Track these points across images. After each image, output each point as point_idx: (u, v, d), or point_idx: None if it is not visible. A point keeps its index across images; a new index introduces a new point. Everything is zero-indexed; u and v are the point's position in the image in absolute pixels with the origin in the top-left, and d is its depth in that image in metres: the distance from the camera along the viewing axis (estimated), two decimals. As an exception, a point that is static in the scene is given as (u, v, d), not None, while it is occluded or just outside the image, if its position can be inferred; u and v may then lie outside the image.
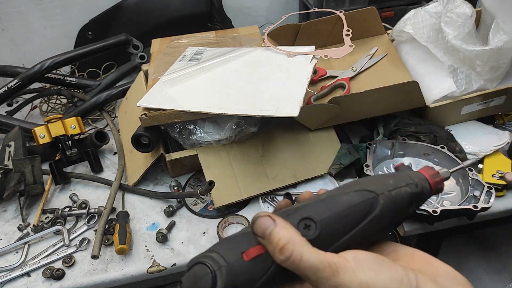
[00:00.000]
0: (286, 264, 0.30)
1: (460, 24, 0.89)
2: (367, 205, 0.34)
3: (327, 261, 0.30)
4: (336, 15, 0.98)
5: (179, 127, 0.85)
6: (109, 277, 0.75)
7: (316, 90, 0.98)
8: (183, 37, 1.07)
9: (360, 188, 0.35)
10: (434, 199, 0.79)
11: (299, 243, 0.31)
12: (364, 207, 0.34)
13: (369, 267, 0.30)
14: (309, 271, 0.30)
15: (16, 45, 1.40)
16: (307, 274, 0.30)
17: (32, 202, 0.92)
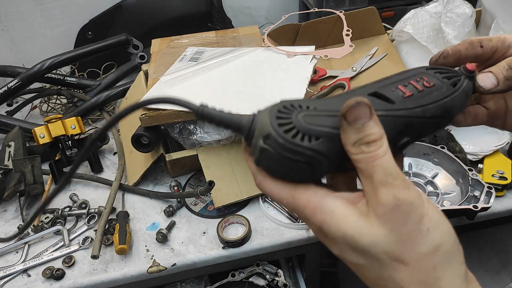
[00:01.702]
0: (361, 157, 0.30)
1: (460, 24, 0.89)
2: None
3: (402, 176, 0.30)
4: (336, 15, 0.98)
5: (179, 127, 0.85)
6: (109, 277, 0.75)
7: (316, 90, 0.98)
8: (183, 37, 1.07)
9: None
10: (434, 199, 0.79)
11: (386, 146, 0.30)
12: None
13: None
14: (380, 174, 0.29)
15: (16, 45, 1.40)
16: (374, 175, 0.30)
17: (32, 202, 0.92)
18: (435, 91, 0.36)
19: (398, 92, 0.35)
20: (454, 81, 0.38)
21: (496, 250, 1.43)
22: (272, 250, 0.79)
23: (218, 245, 0.77)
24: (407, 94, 0.35)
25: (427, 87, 0.36)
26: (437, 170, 0.85)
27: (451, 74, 0.38)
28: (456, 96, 0.37)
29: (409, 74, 0.38)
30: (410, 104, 0.35)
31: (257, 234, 0.79)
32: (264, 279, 0.81)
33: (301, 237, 0.78)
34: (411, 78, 0.37)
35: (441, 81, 0.37)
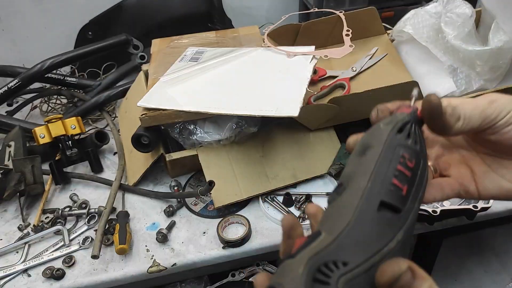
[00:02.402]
0: None
1: (460, 24, 0.89)
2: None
3: None
4: (336, 15, 0.98)
5: (179, 127, 0.85)
6: (109, 277, 0.75)
7: (316, 90, 0.98)
8: (183, 37, 1.07)
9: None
10: None
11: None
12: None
13: None
14: None
15: (16, 45, 1.40)
16: None
17: (32, 202, 0.92)
18: (417, 169, 0.34)
19: (397, 192, 0.33)
20: (420, 141, 0.36)
21: (496, 251, 1.43)
22: (272, 250, 0.79)
23: (218, 245, 0.78)
24: (404, 190, 0.33)
25: (411, 168, 0.34)
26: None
27: (413, 133, 0.35)
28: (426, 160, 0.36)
29: (388, 151, 0.34)
30: (411, 203, 0.33)
31: (257, 234, 0.79)
32: (264, 279, 0.81)
33: (301, 237, 0.78)
34: (395, 161, 0.34)
35: (415, 152, 0.35)
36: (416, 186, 0.34)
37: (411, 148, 0.35)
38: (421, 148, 0.36)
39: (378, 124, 0.37)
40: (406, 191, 0.33)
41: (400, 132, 0.36)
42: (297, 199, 0.84)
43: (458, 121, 0.35)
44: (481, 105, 0.35)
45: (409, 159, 0.34)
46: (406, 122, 0.36)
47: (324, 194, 0.85)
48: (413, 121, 0.37)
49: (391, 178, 0.33)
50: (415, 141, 0.35)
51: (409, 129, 0.36)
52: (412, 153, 0.35)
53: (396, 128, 0.36)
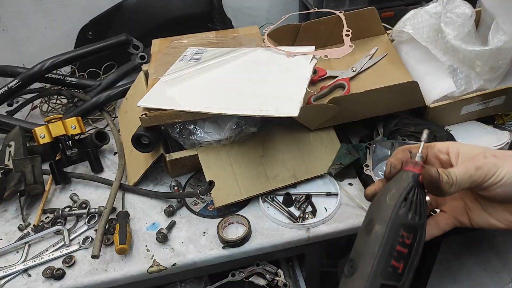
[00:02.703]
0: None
1: (460, 24, 0.89)
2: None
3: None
4: (336, 16, 0.98)
5: (179, 127, 0.85)
6: (109, 277, 0.75)
7: (316, 90, 0.98)
8: (183, 37, 1.07)
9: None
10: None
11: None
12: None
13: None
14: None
15: (16, 45, 1.40)
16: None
17: (33, 202, 0.92)
18: (414, 242, 0.43)
19: (395, 272, 0.42)
20: (421, 209, 0.44)
21: (496, 250, 1.43)
22: (272, 250, 0.79)
23: (218, 245, 0.78)
24: (401, 268, 0.42)
25: (409, 244, 0.43)
26: None
27: (414, 202, 0.44)
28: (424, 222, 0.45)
29: (390, 234, 0.43)
30: (406, 275, 0.42)
31: (257, 234, 0.79)
32: (264, 279, 0.81)
33: (301, 237, 0.78)
34: (394, 243, 0.43)
35: (414, 227, 0.43)
36: (412, 258, 0.43)
37: (411, 225, 0.43)
38: (420, 217, 0.44)
39: (385, 198, 0.45)
40: (402, 268, 0.42)
41: (404, 201, 0.44)
42: (297, 199, 0.84)
43: (451, 187, 0.44)
44: (469, 171, 0.44)
45: (407, 237, 0.43)
46: (410, 189, 0.44)
47: (324, 194, 0.85)
48: (416, 186, 0.45)
49: (390, 261, 0.42)
50: (415, 211, 0.43)
51: (411, 198, 0.44)
52: (411, 229, 0.43)
53: (399, 203, 0.44)
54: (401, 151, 0.50)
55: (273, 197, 0.85)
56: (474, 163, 0.44)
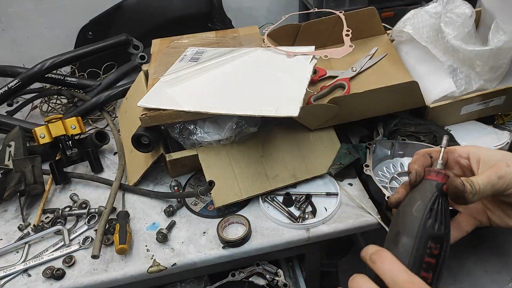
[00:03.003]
0: None
1: (460, 24, 0.89)
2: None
3: None
4: (336, 16, 0.98)
5: (179, 127, 0.85)
6: (109, 277, 0.75)
7: (316, 90, 0.98)
8: (183, 37, 1.07)
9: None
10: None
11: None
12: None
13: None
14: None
15: (16, 45, 1.40)
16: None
17: (33, 202, 0.92)
18: (441, 252, 0.44)
19: (425, 282, 0.41)
20: (445, 218, 0.45)
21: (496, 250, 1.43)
22: (272, 250, 0.79)
23: (218, 245, 0.78)
24: (430, 278, 0.43)
25: (436, 255, 0.44)
26: None
27: (439, 213, 0.45)
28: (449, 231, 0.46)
29: (419, 247, 0.44)
30: (435, 284, 0.43)
31: (257, 234, 0.79)
32: (264, 279, 0.81)
33: (301, 237, 0.78)
34: (423, 254, 0.43)
35: (441, 238, 0.44)
36: (440, 267, 0.44)
37: (438, 236, 0.44)
38: (445, 227, 0.45)
39: (411, 211, 0.46)
40: (431, 278, 0.43)
41: (430, 212, 0.45)
42: (297, 199, 0.84)
43: (474, 196, 0.45)
44: (492, 180, 0.45)
45: (435, 248, 0.44)
46: (435, 200, 0.45)
47: (324, 194, 0.85)
48: (440, 195, 0.46)
49: (420, 272, 0.43)
50: (441, 221, 0.45)
51: (436, 208, 0.45)
52: (438, 240, 0.44)
53: (426, 215, 0.45)
54: (422, 157, 0.50)
55: (273, 197, 0.85)
56: (496, 172, 0.46)
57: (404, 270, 0.40)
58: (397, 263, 0.41)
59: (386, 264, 0.41)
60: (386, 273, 0.41)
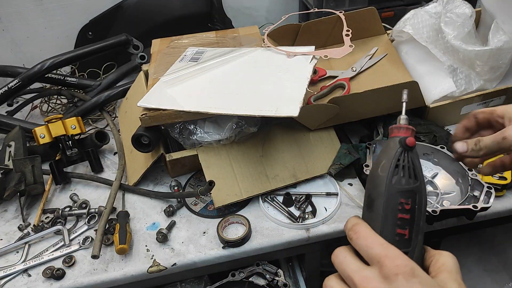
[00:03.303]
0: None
1: (459, 24, 0.89)
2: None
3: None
4: (336, 16, 0.98)
5: (179, 127, 0.85)
6: (109, 276, 0.75)
7: (316, 90, 0.98)
8: (183, 37, 1.07)
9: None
10: (434, 199, 0.79)
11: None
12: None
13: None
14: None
15: (16, 45, 1.40)
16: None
17: (33, 202, 0.92)
18: (414, 206, 0.44)
19: (402, 239, 0.43)
20: (414, 169, 0.45)
21: (496, 250, 1.43)
22: (272, 250, 0.79)
23: (218, 245, 0.78)
24: (407, 234, 0.43)
25: (409, 210, 0.44)
26: (436, 170, 0.84)
27: (406, 166, 0.45)
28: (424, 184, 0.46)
29: (389, 205, 0.44)
30: (415, 238, 0.43)
31: (257, 234, 0.79)
32: (264, 279, 0.81)
33: (301, 237, 0.78)
34: (395, 212, 0.44)
35: (411, 191, 0.44)
36: (416, 221, 0.43)
37: (407, 190, 0.44)
38: (415, 179, 0.44)
39: (377, 172, 0.46)
40: (408, 233, 0.43)
41: (396, 169, 0.45)
42: (297, 199, 0.84)
43: (480, 151, 0.55)
44: (497, 139, 0.54)
45: (406, 203, 0.43)
46: (399, 155, 0.45)
47: (324, 194, 0.85)
48: (405, 149, 0.46)
49: (395, 229, 0.43)
50: (409, 174, 0.44)
51: (402, 163, 0.45)
52: (409, 194, 0.44)
53: (391, 172, 0.45)
54: (466, 119, 0.59)
55: (273, 197, 0.85)
56: (502, 132, 0.54)
57: (378, 243, 0.41)
58: (371, 237, 0.42)
59: (361, 239, 0.42)
60: (362, 249, 0.42)
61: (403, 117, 0.49)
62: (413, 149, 0.46)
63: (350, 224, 0.45)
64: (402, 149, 0.46)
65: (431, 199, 0.79)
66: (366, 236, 0.42)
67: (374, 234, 0.42)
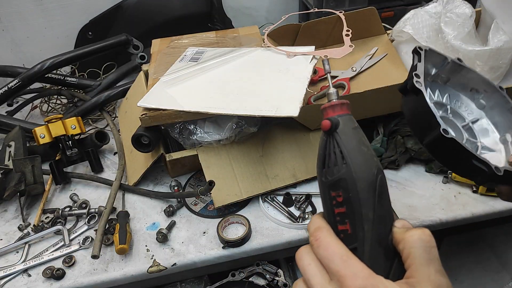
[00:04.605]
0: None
1: (459, 24, 0.89)
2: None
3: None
4: (336, 16, 0.98)
5: (179, 127, 0.85)
6: (109, 276, 0.75)
7: (316, 90, 0.98)
8: (183, 37, 1.07)
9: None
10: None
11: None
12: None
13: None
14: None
15: (16, 45, 1.40)
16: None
17: (33, 202, 0.92)
18: (348, 194, 0.38)
19: (346, 235, 0.39)
20: (336, 160, 0.40)
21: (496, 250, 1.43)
22: (272, 250, 0.79)
23: (218, 245, 0.78)
24: (349, 228, 0.38)
25: (343, 201, 0.39)
26: (479, 116, 0.64)
27: (331, 158, 0.40)
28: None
29: (324, 204, 0.41)
30: (360, 231, 0.38)
31: (257, 234, 0.79)
32: (264, 279, 0.81)
33: (301, 237, 0.78)
34: (331, 208, 0.40)
35: (339, 182, 0.39)
36: (355, 209, 0.38)
37: (334, 181, 0.39)
38: (340, 167, 0.39)
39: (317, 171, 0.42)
40: (350, 226, 0.38)
41: (322, 163, 0.40)
42: (297, 199, 0.84)
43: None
44: None
45: (338, 195, 0.39)
46: (324, 146, 0.40)
47: (324, 194, 0.85)
48: (327, 136, 0.40)
49: (337, 226, 0.39)
50: (334, 163, 0.39)
51: (325, 153, 0.40)
52: (336, 185, 0.39)
53: (319, 168, 0.40)
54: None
55: (273, 197, 0.85)
56: None
57: (339, 255, 0.37)
58: (332, 247, 0.38)
59: (322, 248, 0.38)
60: (322, 260, 0.38)
61: (331, 91, 0.43)
62: (337, 128, 0.40)
63: (312, 227, 0.41)
64: (325, 136, 0.41)
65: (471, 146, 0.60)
66: (326, 245, 0.38)
67: (335, 243, 0.38)
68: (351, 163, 0.38)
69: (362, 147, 0.40)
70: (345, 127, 0.40)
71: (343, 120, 0.41)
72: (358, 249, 0.38)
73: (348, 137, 0.40)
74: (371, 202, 0.38)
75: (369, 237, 0.38)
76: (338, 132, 0.40)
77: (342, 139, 0.39)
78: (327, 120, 0.39)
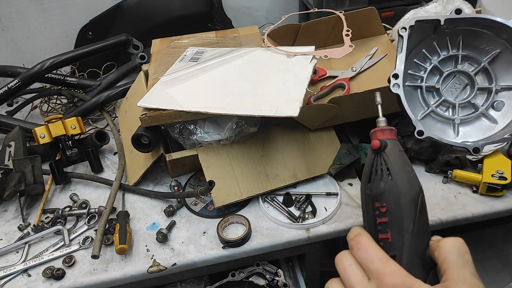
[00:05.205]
0: None
1: (460, 24, 0.89)
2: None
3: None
4: (336, 15, 0.98)
5: (179, 127, 0.85)
6: (109, 277, 0.75)
7: (316, 90, 0.98)
8: (183, 37, 1.07)
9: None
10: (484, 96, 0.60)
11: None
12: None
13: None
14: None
15: (16, 45, 1.40)
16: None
17: (33, 202, 0.92)
18: (391, 207, 0.43)
19: (386, 243, 0.42)
20: (382, 176, 0.45)
21: (496, 250, 1.43)
22: (272, 250, 0.79)
23: (218, 245, 0.78)
24: (389, 237, 0.42)
25: (386, 212, 0.43)
26: (500, 47, 0.60)
27: (380, 170, 0.45)
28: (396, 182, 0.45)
29: (367, 214, 0.45)
30: (398, 240, 0.42)
31: (257, 234, 0.79)
32: (264, 279, 0.81)
33: (301, 237, 0.78)
34: (373, 219, 0.44)
35: (383, 195, 0.44)
36: (394, 222, 0.43)
37: (378, 194, 0.44)
38: (385, 182, 0.44)
39: (361, 184, 0.48)
40: (391, 236, 0.43)
41: (368, 178, 0.45)
42: (297, 199, 0.84)
43: None
44: None
45: (381, 206, 0.43)
46: (371, 163, 0.46)
47: (324, 194, 0.85)
48: (375, 155, 0.46)
49: (378, 235, 0.43)
50: (380, 178, 0.44)
51: (371, 170, 0.45)
52: (380, 197, 0.44)
53: (365, 181, 0.46)
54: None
55: (273, 197, 0.85)
56: None
57: (378, 257, 0.40)
58: (371, 250, 0.42)
59: (361, 251, 0.42)
60: (361, 261, 0.42)
61: (381, 119, 0.49)
62: (385, 148, 0.46)
63: (352, 234, 0.45)
64: (373, 155, 0.46)
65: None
66: (366, 248, 0.42)
67: (375, 247, 0.42)
68: (397, 179, 0.44)
69: (407, 167, 0.45)
70: (392, 149, 0.46)
71: (390, 142, 0.46)
72: (397, 257, 0.42)
73: (395, 157, 0.45)
74: (412, 215, 0.43)
75: (408, 247, 0.42)
76: (386, 152, 0.45)
77: (390, 158, 0.45)
78: (377, 140, 0.45)
